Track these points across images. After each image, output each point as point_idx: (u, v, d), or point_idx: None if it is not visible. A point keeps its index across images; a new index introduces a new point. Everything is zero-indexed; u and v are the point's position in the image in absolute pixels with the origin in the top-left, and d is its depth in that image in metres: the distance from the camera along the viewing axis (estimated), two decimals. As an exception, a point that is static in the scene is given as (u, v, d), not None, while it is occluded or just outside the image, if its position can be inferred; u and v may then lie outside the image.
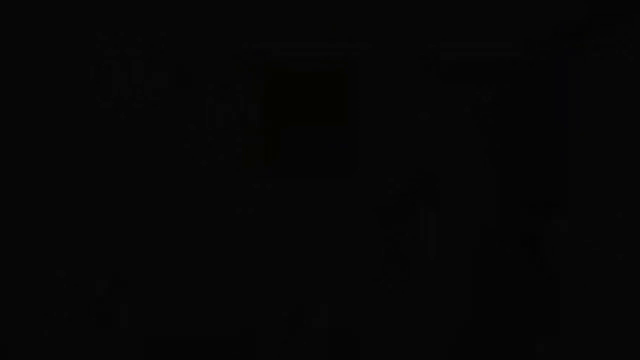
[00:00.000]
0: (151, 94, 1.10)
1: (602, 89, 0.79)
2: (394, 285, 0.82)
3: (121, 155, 0.90)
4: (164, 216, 0.84)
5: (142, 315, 0.82)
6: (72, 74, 1.18)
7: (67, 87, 1.16)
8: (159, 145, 0.97)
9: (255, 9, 0.97)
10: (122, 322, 0.94)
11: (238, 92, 1.08)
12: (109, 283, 0.96)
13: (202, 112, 1.15)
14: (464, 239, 0.81)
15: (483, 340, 0.73)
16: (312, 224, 0.85)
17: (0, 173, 0.78)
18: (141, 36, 1.08)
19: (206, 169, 0.89)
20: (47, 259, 0.85)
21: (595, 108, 0.77)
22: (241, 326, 0.75)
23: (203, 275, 0.85)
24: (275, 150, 1.24)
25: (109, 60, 1.15)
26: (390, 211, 0.89)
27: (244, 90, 1.08)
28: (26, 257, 0.82)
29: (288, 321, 0.84)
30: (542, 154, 0.81)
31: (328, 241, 0.84)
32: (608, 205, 0.74)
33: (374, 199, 0.91)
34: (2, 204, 0.79)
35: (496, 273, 0.78)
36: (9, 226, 0.80)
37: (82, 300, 0.97)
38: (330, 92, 1.12)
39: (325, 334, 0.90)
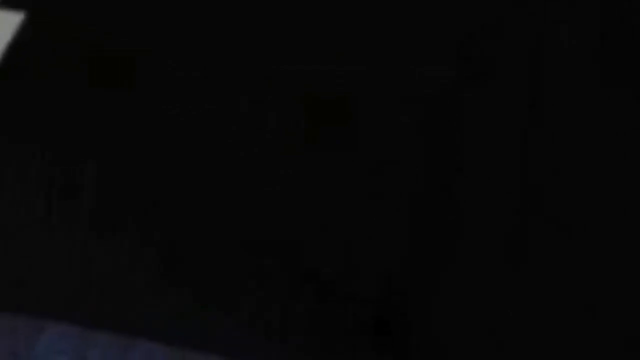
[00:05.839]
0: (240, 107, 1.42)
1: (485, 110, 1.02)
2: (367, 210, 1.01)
3: (226, 140, 1.10)
4: (246, 175, 1.00)
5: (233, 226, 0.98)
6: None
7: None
8: (249, 136, 1.19)
9: (296, 55, 1.30)
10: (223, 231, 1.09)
11: (289, 106, 1.35)
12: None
13: (272, 116, 1.45)
14: (407, 185, 0.98)
15: (420, 243, 0.89)
16: (329, 178, 1.03)
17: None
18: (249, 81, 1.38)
19: (273, 150, 1.09)
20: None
21: (477, 119, 0.99)
22: (289, 238, 0.91)
23: (266, 206, 1.01)
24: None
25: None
26: (375, 171, 1.10)
27: (292, 104, 1.37)
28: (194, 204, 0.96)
29: (316, 234, 1.02)
30: (447, 143, 1.00)
31: (336, 187, 1.02)
32: (491, 176, 0.92)
33: (366, 165, 1.12)
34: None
35: (425, 210, 0.94)
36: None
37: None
38: (338, 104, 1.40)
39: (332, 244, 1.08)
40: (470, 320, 0.81)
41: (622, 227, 0.82)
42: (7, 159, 0.84)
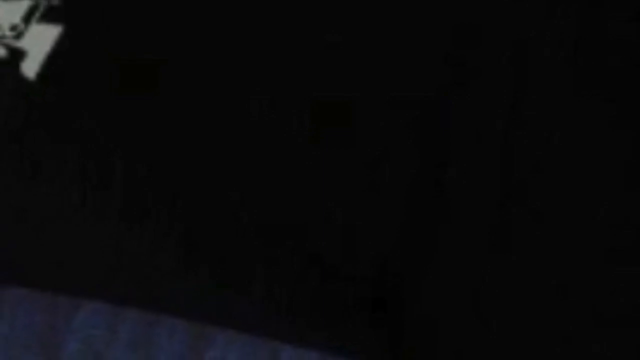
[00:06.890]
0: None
1: (464, 112, 1.00)
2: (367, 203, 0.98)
3: (239, 139, 1.04)
4: (257, 172, 0.96)
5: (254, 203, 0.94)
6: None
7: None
8: (259, 135, 1.12)
9: (303, 61, 1.23)
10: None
11: (296, 108, 1.30)
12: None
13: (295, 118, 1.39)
14: (401, 179, 0.97)
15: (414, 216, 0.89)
16: (331, 174, 1.01)
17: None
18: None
19: (281, 148, 1.05)
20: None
21: (464, 121, 0.98)
22: (300, 220, 0.88)
23: (275, 199, 0.96)
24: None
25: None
26: (372, 166, 1.08)
27: (298, 107, 1.31)
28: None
29: (320, 222, 0.99)
30: (437, 142, 1.00)
31: (338, 182, 0.99)
32: (477, 172, 0.92)
33: (364, 161, 1.10)
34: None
35: (417, 201, 0.94)
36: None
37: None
38: (339, 107, 1.36)
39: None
40: (456, 299, 0.86)
41: (596, 217, 0.85)
42: (47, 155, 0.86)
